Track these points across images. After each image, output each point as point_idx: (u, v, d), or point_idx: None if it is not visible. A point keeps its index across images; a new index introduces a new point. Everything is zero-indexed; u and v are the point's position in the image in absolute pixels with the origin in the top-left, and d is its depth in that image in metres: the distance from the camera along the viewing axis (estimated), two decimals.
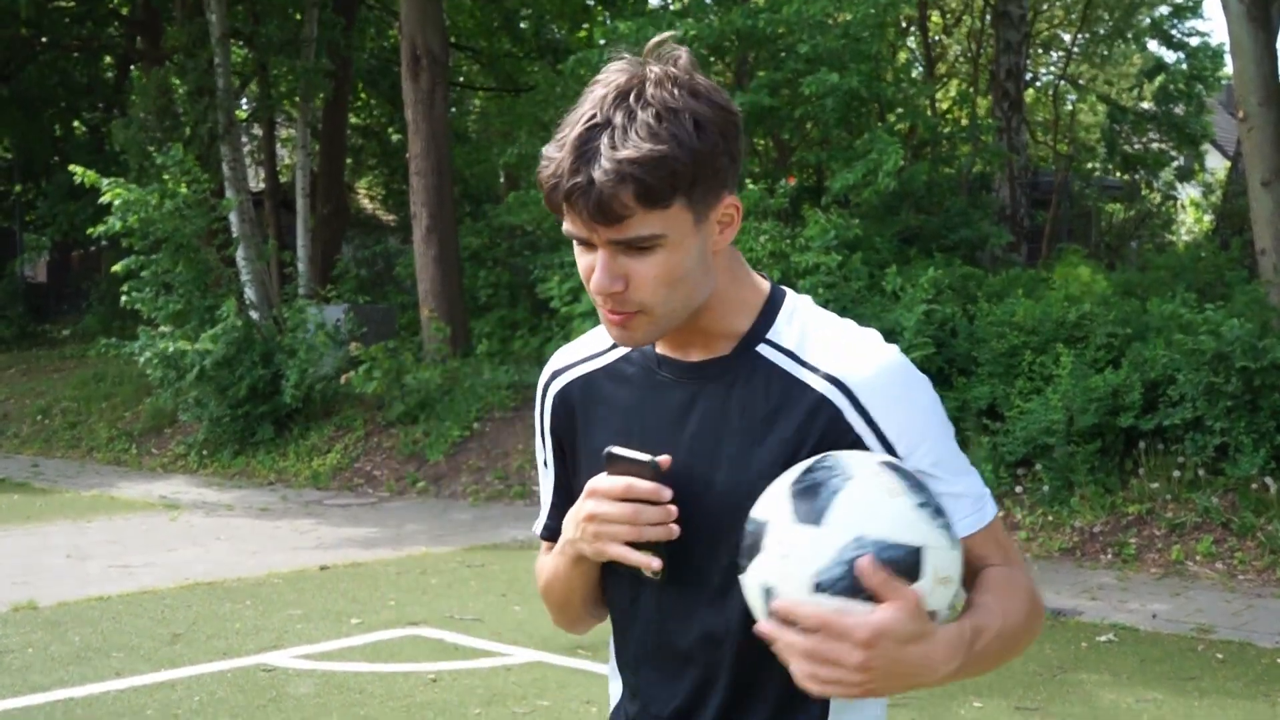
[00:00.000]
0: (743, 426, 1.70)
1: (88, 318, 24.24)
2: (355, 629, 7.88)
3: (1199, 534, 9.29)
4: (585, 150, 1.56)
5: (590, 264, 1.63)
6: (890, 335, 10.64)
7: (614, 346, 1.84)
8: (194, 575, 9.49)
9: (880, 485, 1.53)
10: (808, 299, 1.79)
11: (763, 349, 1.73)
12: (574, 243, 1.66)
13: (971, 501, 1.70)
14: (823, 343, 1.71)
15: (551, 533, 1.88)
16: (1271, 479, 9.34)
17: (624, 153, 1.54)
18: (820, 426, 1.67)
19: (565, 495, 1.86)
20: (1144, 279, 12.53)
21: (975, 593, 1.65)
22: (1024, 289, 11.71)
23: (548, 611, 1.96)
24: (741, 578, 1.56)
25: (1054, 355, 10.36)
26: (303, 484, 14.10)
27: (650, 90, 1.58)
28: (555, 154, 1.59)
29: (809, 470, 1.55)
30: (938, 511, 1.54)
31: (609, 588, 1.84)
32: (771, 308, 1.75)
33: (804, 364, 1.70)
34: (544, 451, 1.94)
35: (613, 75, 1.62)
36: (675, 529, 1.63)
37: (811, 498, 1.51)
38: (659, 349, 1.78)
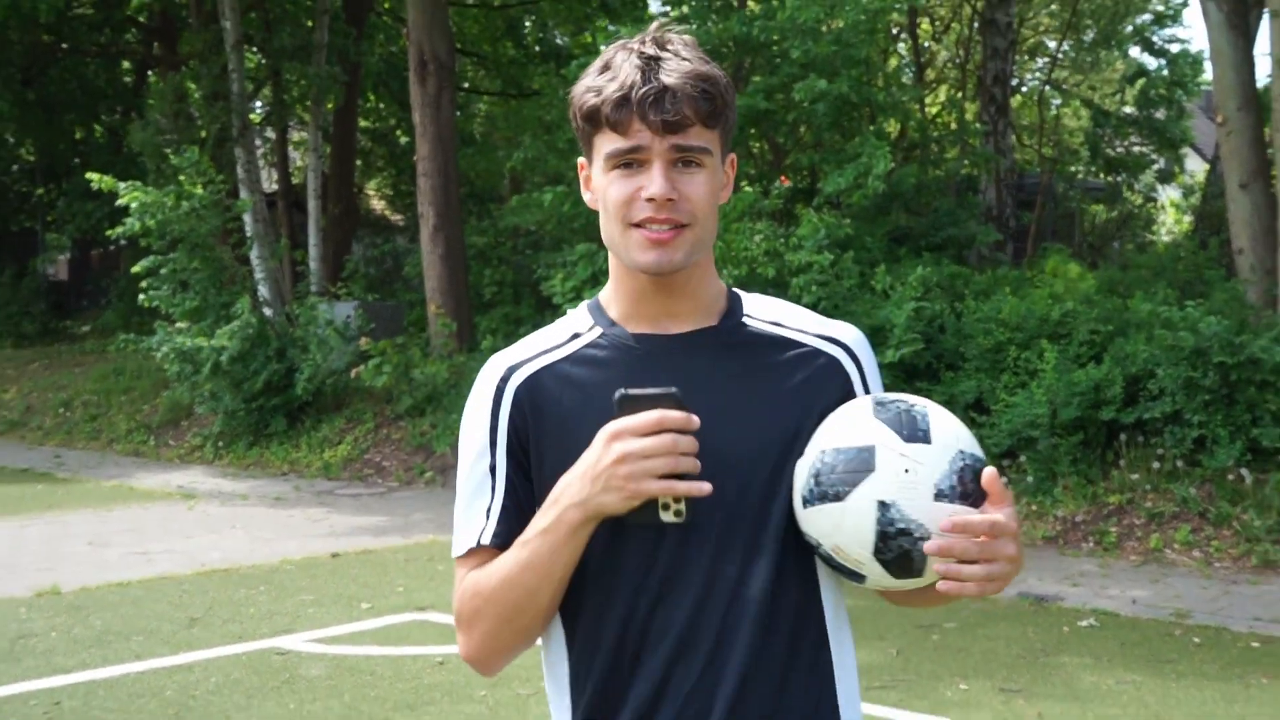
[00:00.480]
0: (751, 386, 1.73)
1: (107, 314, 24.23)
2: (365, 614, 7.90)
3: (1177, 523, 9.31)
4: (651, 68, 1.65)
5: (633, 186, 1.66)
6: (880, 332, 10.76)
7: (573, 338, 1.78)
8: (210, 562, 9.52)
9: (945, 411, 1.68)
10: (757, 293, 1.88)
11: (746, 320, 1.79)
12: (609, 173, 1.68)
13: None
14: (796, 315, 1.82)
15: (504, 539, 1.70)
16: (1247, 470, 9.35)
17: (695, 66, 1.66)
18: (838, 380, 1.77)
19: (517, 499, 1.73)
20: (1125, 277, 12.53)
21: None
22: (1010, 287, 11.72)
23: (481, 627, 1.70)
24: (839, 505, 1.59)
25: (1038, 351, 10.37)
26: (315, 474, 14.11)
27: (680, 41, 1.71)
28: (610, 78, 1.66)
29: (882, 403, 1.66)
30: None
31: (600, 569, 1.68)
32: (733, 293, 1.83)
33: (792, 329, 1.80)
34: (491, 455, 1.74)
35: (632, 38, 1.72)
36: (707, 486, 1.55)
37: (910, 422, 1.62)
38: (632, 328, 1.75)
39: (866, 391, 1.79)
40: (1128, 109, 20.86)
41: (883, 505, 1.57)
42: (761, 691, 1.68)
